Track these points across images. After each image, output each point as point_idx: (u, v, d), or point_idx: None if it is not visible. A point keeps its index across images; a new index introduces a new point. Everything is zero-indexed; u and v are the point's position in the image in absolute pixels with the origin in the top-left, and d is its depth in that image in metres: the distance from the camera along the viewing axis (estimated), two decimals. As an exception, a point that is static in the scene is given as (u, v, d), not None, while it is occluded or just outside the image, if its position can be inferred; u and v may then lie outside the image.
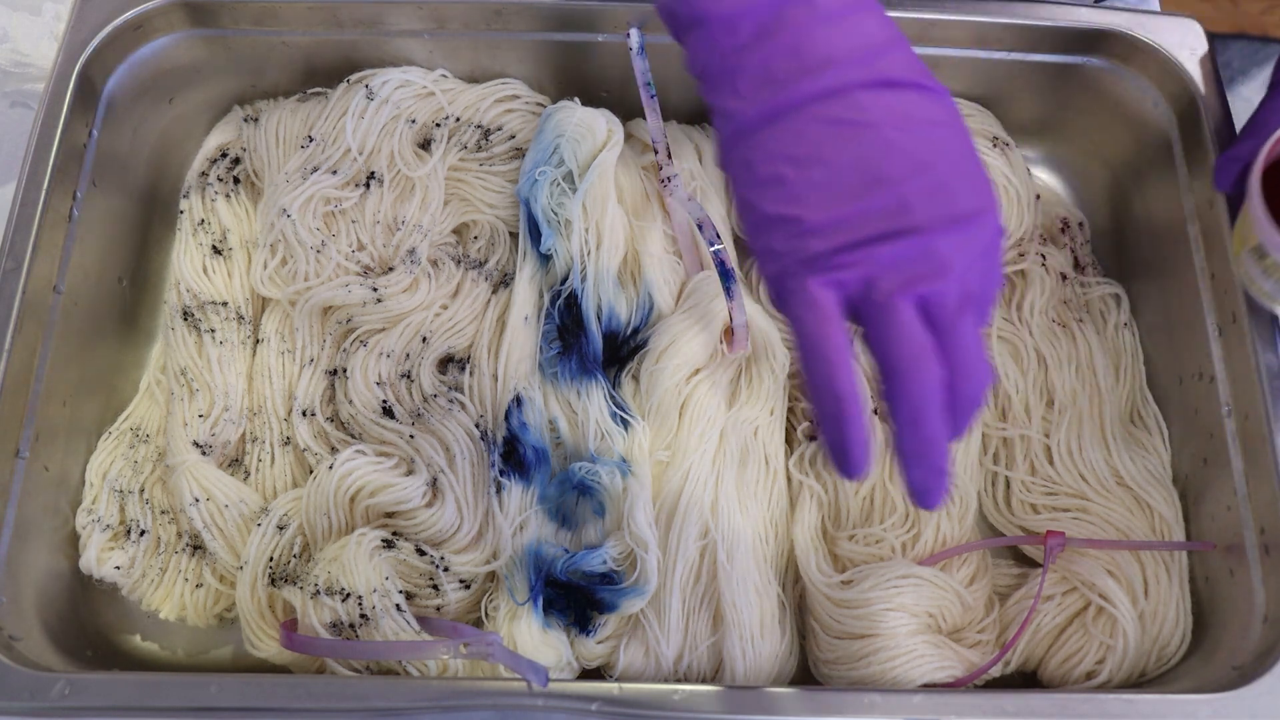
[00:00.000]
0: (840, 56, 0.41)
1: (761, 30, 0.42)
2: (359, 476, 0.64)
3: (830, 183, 0.41)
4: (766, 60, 0.42)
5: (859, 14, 0.42)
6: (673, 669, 0.62)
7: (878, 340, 0.41)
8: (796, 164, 0.41)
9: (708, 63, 0.43)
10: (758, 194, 0.42)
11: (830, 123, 0.41)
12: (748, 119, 0.42)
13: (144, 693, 0.55)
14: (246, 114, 0.78)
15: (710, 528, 0.64)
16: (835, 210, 0.41)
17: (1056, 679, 0.64)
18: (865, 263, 0.40)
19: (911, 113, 0.41)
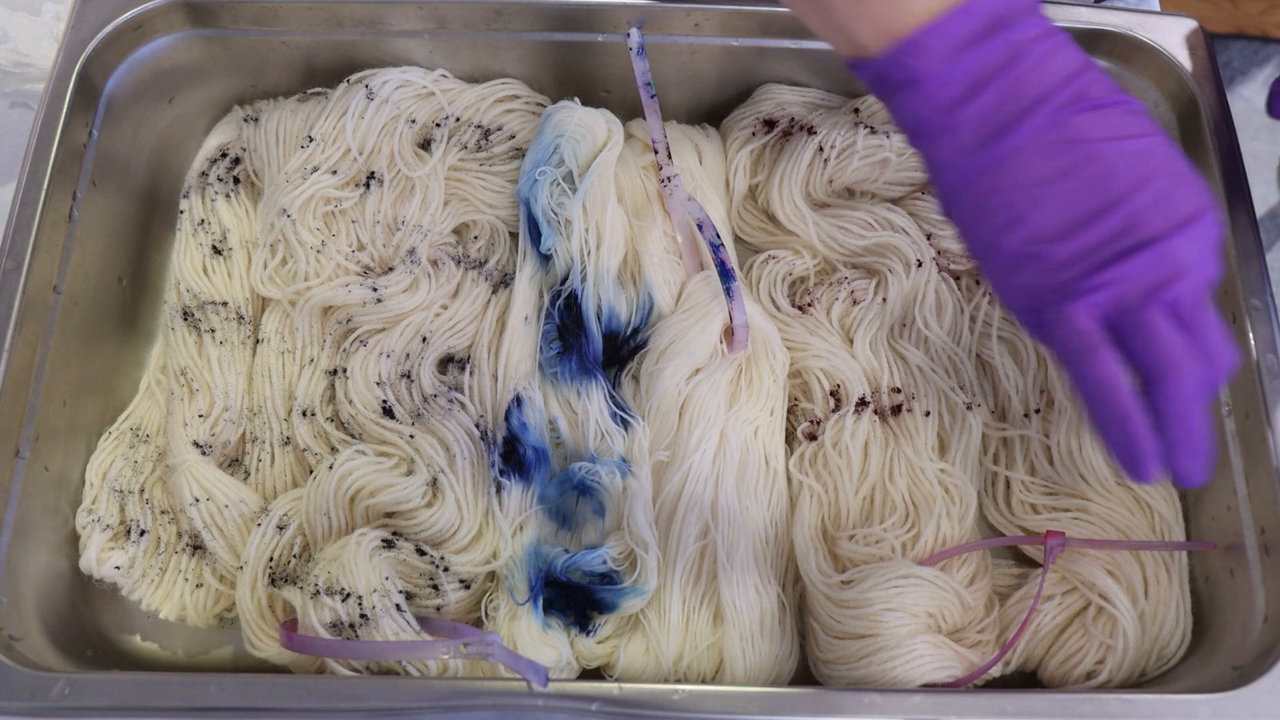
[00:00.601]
0: (1051, 91, 0.44)
1: (974, 82, 0.44)
2: (359, 476, 0.64)
3: (1066, 212, 0.43)
4: (984, 108, 0.44)
5: (1058, 48, 0.45)
6: (673, 669, 0.62)
7: (1138, 350, 0.44)
8: (1030, 200, 0.44)
9: (921, 118, 0.45)
10: (998, 236, 0.45)
11: (1054, 155, 0.43)
12: (974, 166, 0.44)
13: (144, 693, 0.55)
14: (246, 114, 0.78)
15: (710, 528, 0.64)
16: (1077, 238, 0.43)
17: (1056, 679, 0.64)
18: (1114, 281, 0.43)
19: (1121, 130, 0.44)
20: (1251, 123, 1.57)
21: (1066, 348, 0.45)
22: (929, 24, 0.44)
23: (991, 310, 0.73)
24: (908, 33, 0.44)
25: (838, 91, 0.78)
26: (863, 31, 0.45)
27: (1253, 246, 0.67)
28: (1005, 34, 0.44)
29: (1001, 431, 0.70)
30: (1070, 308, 0.44)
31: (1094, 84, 0.45)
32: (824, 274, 0.75)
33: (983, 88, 0.44)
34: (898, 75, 0.45)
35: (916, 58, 0.44)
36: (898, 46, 0.44)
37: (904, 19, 0.44)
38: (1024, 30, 0.44)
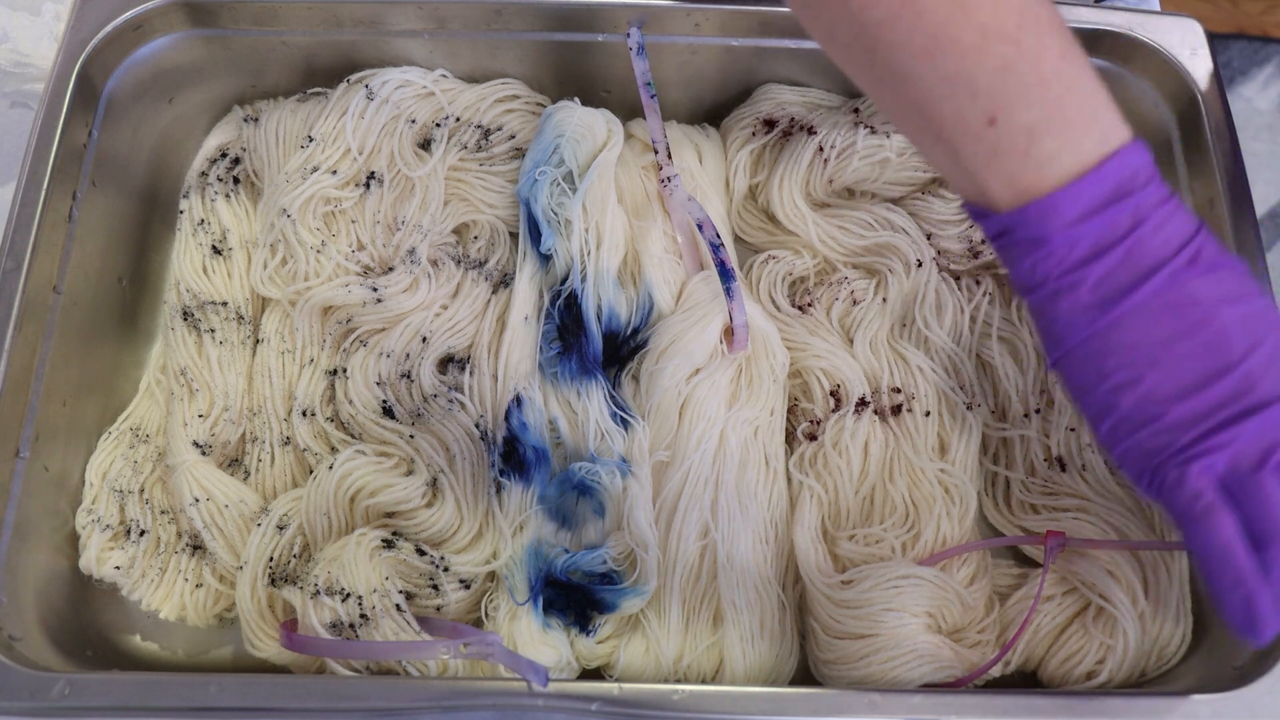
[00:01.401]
0: (1169, 255, 0.45)
1: (1098, 245, 0.45)
2: (359, 476, 0.64)
3: (1182, 374, 0.45)
4: (1105, 270, 0.45)
5: (1175, 212, 0.46)
6: (673, 669, 0.62)
7: (1253, 511, 0.45)
8: (1148, 361, 0.45)
9: (1045, 277, 0.46)
10: (1116, 395, 0.46)
11: (1171, 318, 0.45)
12: (1094, 326, 0.46)
13: (144, 693, 0.55)
14: (246, 114, 0.78)
15: (710, 528, 0.64)
16: (1193, 401, 0.45)
17: (1056, 679, 0.64)
18: (1230, 444, 0.44)
19: (1233, 292, 0.45)
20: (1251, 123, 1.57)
21: (1185, 510, 0.45)
22: (1063, 188, 0.44)
23: (991, 310, 0.73)
24: (1042, 194, 0.45)
25: (838, 91, 0.78)
26: (993, 184, 0.46)
27: (1253, 246, 0.67)
28: (1131, 200, 0.45)
29: (1001, 431, 0.70)
30: (1189, 470, 0.45)
31: (1206, 246, 0.46)
32: (824, 274, 0.75)
33: (1107, 250, 0.45)
34: (1025, 233, 0.46)
35: (1048, 219, 0.45)
36: (1031, 206, 0.45)
37: (1039, 180, 0.45)
38: (1147, 196, 0.45)
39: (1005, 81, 0.44)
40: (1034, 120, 0.44)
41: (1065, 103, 0.45)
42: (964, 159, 0.46)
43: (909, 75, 0.45)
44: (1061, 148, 0.45)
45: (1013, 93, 0.44)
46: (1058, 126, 0.44)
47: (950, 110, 0.45)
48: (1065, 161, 0.45)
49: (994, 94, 0.44)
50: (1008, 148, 0.45)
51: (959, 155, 0.47)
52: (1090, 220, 0.45)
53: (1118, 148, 0.45)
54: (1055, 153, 0.45)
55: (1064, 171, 0.45)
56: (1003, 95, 0.44)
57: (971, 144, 0.46)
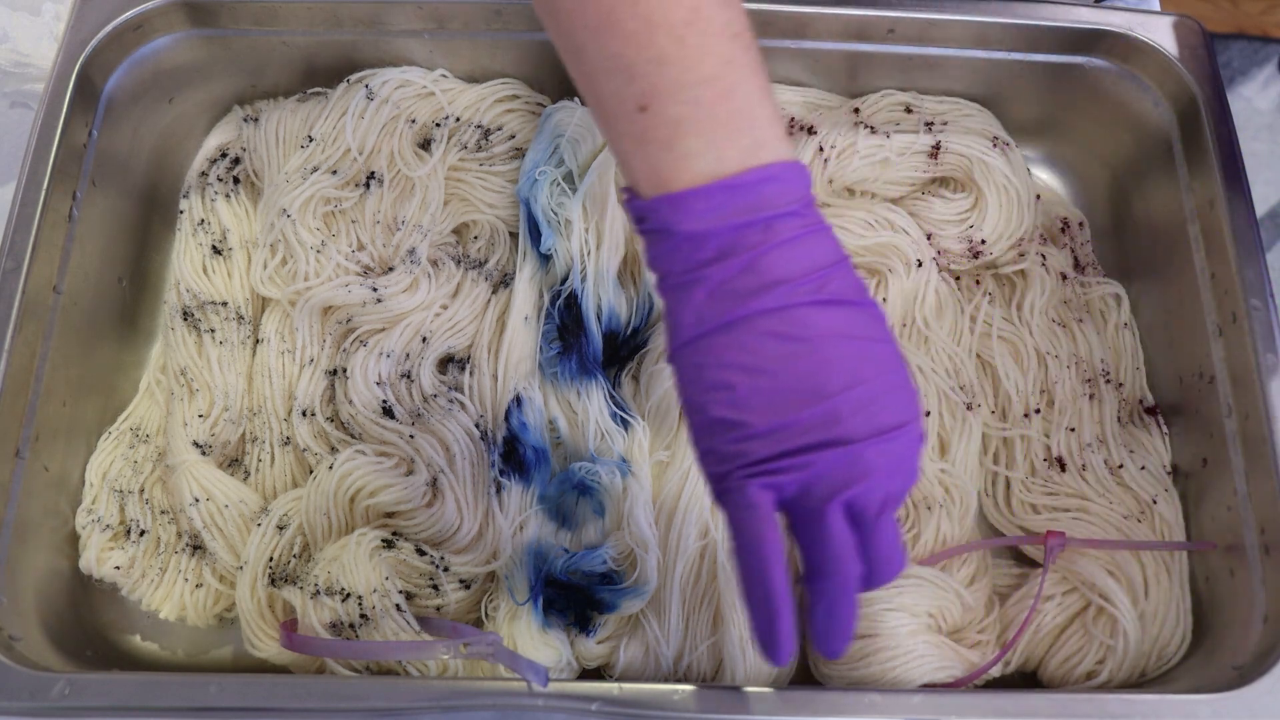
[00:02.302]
0: (791, 277, 0.45)
1: (723, 249, 0.45)
2: (359, 476, 0.64)
3: (774, 393, 0.44)
4: (725, 276, 0.45)
5: (812, 238, 0.46)
6: (673, 669, 0.62)
7: (806, 540, 0.45)
8: (745, 372, 0.45)
9: (669, 270, 0.47)
10: (706, 398, 0.46)
11: (777, 338, 0.44)
12: (702, 328, 0.46)
13: (144, 693, 0.55)
14: (246, 114, 0.78)
15: (710, 528, 0.64)
16: (777, 419, 0.44)
17: (1056, 679, 0.64)
18: (801, 469, 0.44)
19: (849, 330, 0.45)
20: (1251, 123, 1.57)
21: (738, 519, 0.46)
22: (697, 187, 0.45)
23: (991, 310, 0.73)
24: (676, 189, 0.45)
25: (838, 91, 0.79)
26: (638, 170, 0.46)
27: (1253, 246, 0.67)
28: (766, 214, 0.45)
29: (1001, 431, 0.70)
30: (753, 484, 0.45)
31: (839, 280, 0.46)
32: (824, 274, 0.75)
33: (730, 256, 0.45)
34: (657, 223, 0.46)
35: (678, 214, 0.45)
36: (665, 197, 0.45)
37: (676, 174, 0.45)
38: (787, 216, 0.45)
39: (661, 73, 0.45)
40: (682, 116, 0.45)
41: (718, 107, 0.45)
42: (617, 139, 0.47)
43: (582, 50, 0.47)
44: (704, 148, 0.45)
45: (666, 85, 0.45)
46: (706, 128, 0.45)
47: (609, 90, 0.46)
48: (705, 162, 0.45)
49: (649, 82, 0.45)
50: (653, 137, 0.45)
51: (613, 135, 0.47)
52: (719, 224, 0.45)
53: (767, 163, 0.45)
54: (697, 151, 0.45)
55: (701, 171, 0.45)
56: (656, 85, 0.45)
57: (624, 125, 0.46)
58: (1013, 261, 0.75)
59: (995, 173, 0.74)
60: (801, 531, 0.46)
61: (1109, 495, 0.68)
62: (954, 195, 0.76)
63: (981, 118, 0.78)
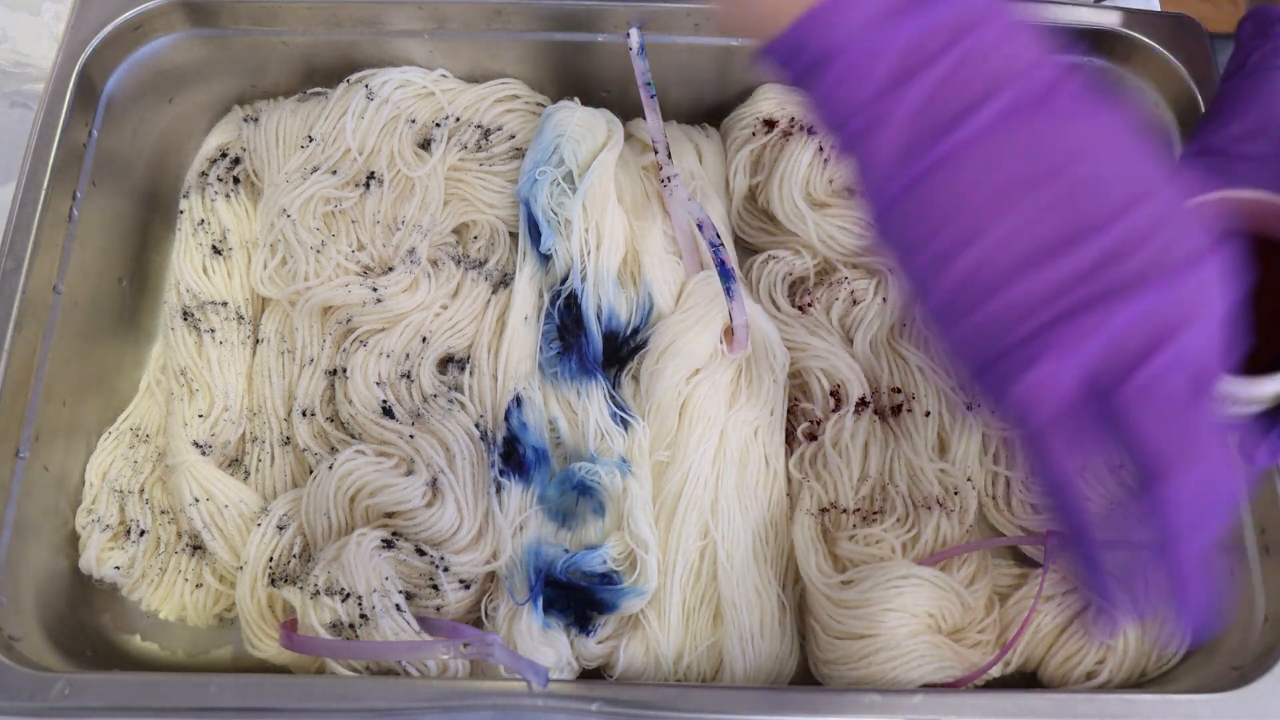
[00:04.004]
0: (1011, 77, 0.33)
1: (912, 57, 0.34)
2: (359, 476, 0.64)
3: (1030, 237, 0.33)
4: (922, 94, 0.33)
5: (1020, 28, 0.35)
6: (673, 669, 0.62)
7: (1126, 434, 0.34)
8: (983, 216, 0.33)
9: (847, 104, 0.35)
10: (939, 266, 0.34)
11: (1016, 157, 0.33)
12: (910, 173, 0.34)
13: (144, 693, 0.55)
14: (246, 114, 0.78)
15: (710, 528, 0.64)
16: (1044, 271, 0.33)
17: (1056, 679, 0.64)
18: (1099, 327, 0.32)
19: (1106, 134, 0.34)
20: (1251, 123, 1.56)
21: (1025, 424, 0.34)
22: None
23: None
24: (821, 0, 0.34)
25: (838, 91, 0.78)
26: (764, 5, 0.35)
27: (1253, 246, 0.67)
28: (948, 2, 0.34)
29: (1002, 431, 0.70)
30: (1039, 366, 0.33)
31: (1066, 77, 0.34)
32: (824, 274, 0.75)
33: (925, 66, 0.33)
34: (813, 49, 0.34)
35: (833, 25, 0.34)
36: (809, 14, 0.34)
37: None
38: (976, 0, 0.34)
39: None
40: None
41: None
42: None
43: None
44: None
45: None
46: None
47: None
48: None
49: None
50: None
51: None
52: (892, 25, 0.33)
53: None
54: None
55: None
56: None
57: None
58: (1013, 261, 0.75)
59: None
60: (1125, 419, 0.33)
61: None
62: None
63: (981, 118, 0.77)
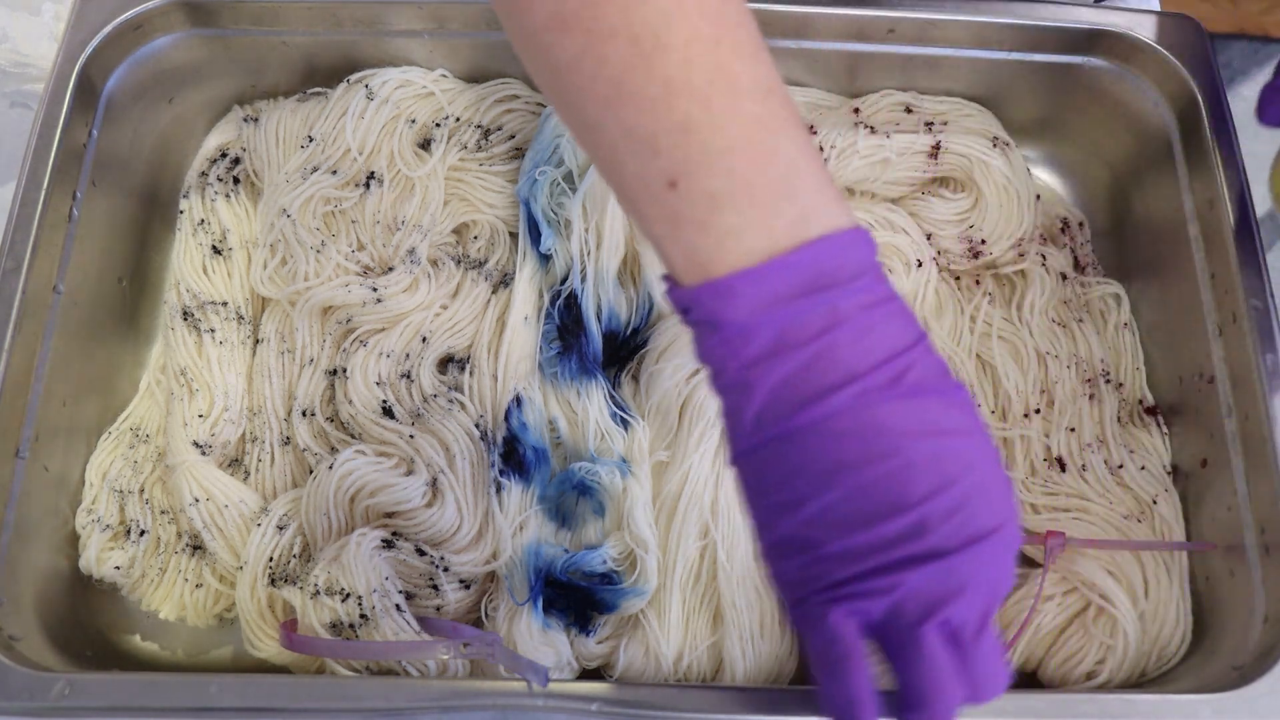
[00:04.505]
0: (862, 370, 0.39)
1: (781, 341, 0.39)
2: (359, 476, 0.64)
3: (850, 506, 0.39)
4: (786, 373, 0.39)
5: (883, 318, 0.40)
6: (673, 669, 0.62)
7: (901, 666, 0.40)
8: (814, 484, 0.39)
9: (722, 367, 0.41)
10: (772, 515, 0.41)
11: (850, 442, 0.39)
12: (763, 434, 0.40)
13: (144, 693, 0.55)
14: (246, 114, 0.78)
15: (710, 528, 0.64)
16: (855, 536, 0.39)
17: (1056, 679, 0.64)
18: (887, 590, 0.39)
19: (932, 425, 0.39)
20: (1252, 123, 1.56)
21: (823, 652, 0.41)
22: (743, 270, 0.39)
23: (991, 310, 0.73)
24: (720, 274, 0.39)
25: (838, 91, 0.78)
26: (674, 255, 0.41)
27: (1253, 246, 0.67)
28: (828, 295, 0.39)
29: (1002, 431, 0.70)
30: (835, 610, 0.40)
31: (918, 364, 0.40)
32: (824, 274, 0.75)
33: (790, 350, 0.39)
34: (702, 314, 0.40)
35: (725, 303, 0.39)
36: (708, 284, 0.40)
37: (718, 256, 0.39)
38: (852, 294, 0.40)
39: (687, 143, 0.39)
40: (716, 189, 0.39)
41: (756, 175, 0.39)
42: (648, 224, 0.41)
43: (595, 125, 0.41)
44: (746, 224, 0.39)
45: (694, 156, 0.39)
46: (744, 200, 0.39)
47: (632, 168, 0.40)
48: (749, 240, 0.39)
49: (674, 155, 0.39)
50: (687, 217, 0.40)
51: (644, 219, 0.41)
52: (772, 312, 0.39)
53: (822, 234, 0.39)
54: (738, 229, 0.39)
55: (746, 251, 0.39)
56: (683, 157, 0.39)
57: (653, 208, 0.40)
58: (1013, 261, 0.75)
59: (995, 173, 0.74)
60: (895, 656, 0.40)
61: (1109, 495, 0.68)
62: (954, 195, 0.76)
63: (981, 118, 0.78)
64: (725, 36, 0.41)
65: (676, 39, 0.39)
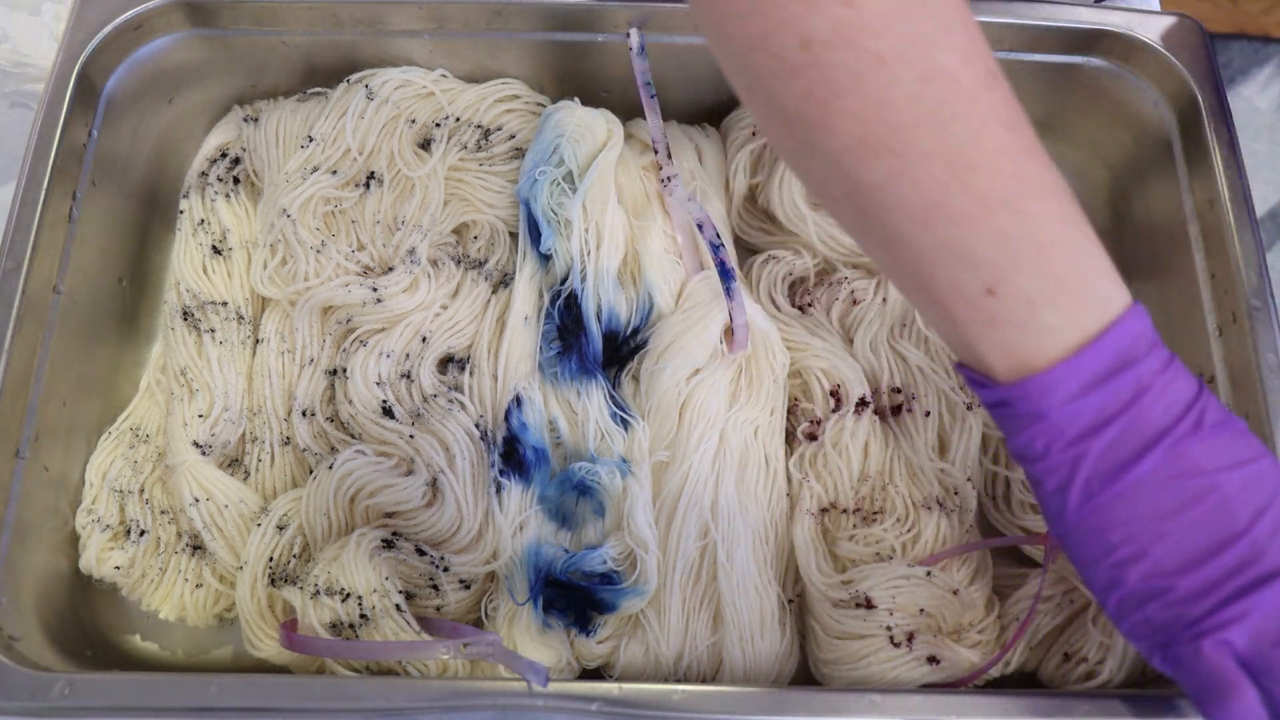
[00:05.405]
0: (1171, 423, 0.44)
1: (1100, 417, 0.44)
2: (359, 476, 0.64)
3: (1190, 544, 0.43)
4: (1108, 443, 0.44)
5: (1176, 378, 0.45)
6: (673, 669, 0.62)
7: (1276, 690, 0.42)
8: (1155, 534, 0.43)
9: (1047, 449, 0.45)
10: (1122, 570, 0.45)
11: (1176, 487, 0.43)
12: (1096, 500, 0.44)
13: (144, 693, 0.55)
14: (246, 114, 0.78)
15: (710, 528, 0.64)
16: (1202, 570, 0.43)
17: (1056, 679, 0.64)
18: (1245, 615, 0.42)
19: (1235, 456, 0.44)
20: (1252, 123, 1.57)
21: (1202, 687, 0.44)
22: (1064, 362, 0.43)
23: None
24: (1042, 368, 0.44)
25: (838, 91, 0.78)
26: (991, 355, 0.45)
27: (1253, 246, 0.67)
28: (1133, 369, 0.44)
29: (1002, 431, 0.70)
30: (1203, 644, 0.43)
31: (1208, 409, 0.45)
32: (824, 274, 0.75)
33: (1109, 423, 0.44)
34: (1025, 407, 0.44)
35: (1048, 394, 0.44)
36: (1030, 380, 0.44)
37: (1038, 353, 0.43)
38: (1149, 363, 0.44)
39: (1004, 251, 0.43)
40: (1033, 291, 0.43)
41: (1066, 272, 0.43)
42: (961, 327, 0.45)
43: (904, 239, 0.44)
44: (1062, 319, 0.43)
45: (1011, 263, 0.43)
46: (1058, 297, 0.43)
47: (946, 278, 0.44)
48: (1065, 333, 0.43)
49: (992, 264, 0.43)
50: (1006, 319, 0.44)
51: (956, 322, 0.45)
52: (1091, 394, 0.44)
53: (1119, 315, 0.44)
54: (1055, 325, 0.43)
55: (1064, 344, 0.43)
56: (1001, 265, 0.43)
57: (969, 312, 0.44)
58: (1013, 261, 0.75)
59: (995, 173, 0.74)
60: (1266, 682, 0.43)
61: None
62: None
63: (981, 118, 0.77)
64: (1022, 143, 0.43)
65: (984, 154, 0.42)
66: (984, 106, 0.42)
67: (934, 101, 0.41)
